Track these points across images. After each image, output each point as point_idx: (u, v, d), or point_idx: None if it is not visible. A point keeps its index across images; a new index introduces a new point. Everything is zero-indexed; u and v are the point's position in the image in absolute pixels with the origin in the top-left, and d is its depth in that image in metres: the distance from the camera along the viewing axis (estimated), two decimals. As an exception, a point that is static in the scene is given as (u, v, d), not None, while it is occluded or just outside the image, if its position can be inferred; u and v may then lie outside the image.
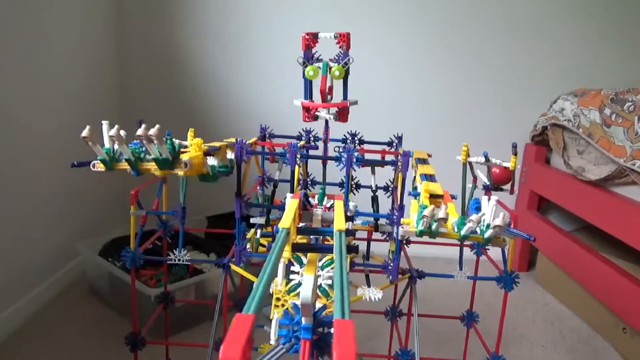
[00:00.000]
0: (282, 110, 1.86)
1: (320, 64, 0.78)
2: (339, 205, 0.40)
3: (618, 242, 1.36)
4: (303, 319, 0.33)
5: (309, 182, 0.99)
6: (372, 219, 0.88)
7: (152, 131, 0.57)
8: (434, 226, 0.43)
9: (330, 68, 0.79)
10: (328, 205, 0.47)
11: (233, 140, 0.80)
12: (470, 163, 0.88)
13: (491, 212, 0.45)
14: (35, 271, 1.42)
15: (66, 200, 1.57)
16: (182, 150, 0.69)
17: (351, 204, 0.51)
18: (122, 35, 1.87)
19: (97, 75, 1.75)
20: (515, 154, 0.80)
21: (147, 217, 0.94)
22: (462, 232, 0.47)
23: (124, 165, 0.63)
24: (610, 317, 1.39)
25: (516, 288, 1.82)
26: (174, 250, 0.95)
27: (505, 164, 0.82)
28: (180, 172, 0.64)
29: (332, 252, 0.35)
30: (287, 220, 0.35)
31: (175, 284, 1.28)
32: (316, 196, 0.64)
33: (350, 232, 0.42)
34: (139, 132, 0.56)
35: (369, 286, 0.80)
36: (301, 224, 0.46)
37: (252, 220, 0.93)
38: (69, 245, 1.57)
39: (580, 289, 1.53)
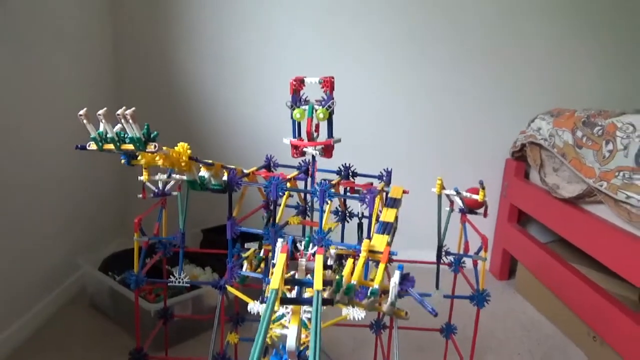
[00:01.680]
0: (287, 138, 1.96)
1: (307, 107, 0.86)
2: (318, 260, 0.48)
3: (589, 255, 1.46)
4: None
5: (307, 208, 1.07)
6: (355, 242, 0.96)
7: (128, 111, 0.65)
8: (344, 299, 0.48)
9: (316, 110, 0.87)
10: (313, 252, 0.55)
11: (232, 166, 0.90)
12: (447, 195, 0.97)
13: (393, 290, 0.51)
14: (37, 286, 1.49)
15: (66, 215, 1.64)
16: None
17: (332, 250, 0.59)
18: (120, 64, 1.94)
19: (96, 96, 1.81)
20: (483, 189, 0.89)
21: (148, 242, 1.02)
22: (365, 301, 0.51)
23: (111, 146, 0.70)
24: (583, 325, 1.48)
25: (497, 296, 1.94)
26: (174, 273, 1.03)
27: (474, 197, 0.91)
28: (159, 161, 0.73)
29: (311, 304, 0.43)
30: (276, 281, 0.43)
31: (173, 299, 1.36)
32: (303, 242, 0.72)
33: (327, 283, 0.49)
34: (118, 111, 0.65)
35: (352, 306, 0.88)
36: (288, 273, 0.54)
37: (246, 245, 1.01)
38: (69, 260, 1.64)
39: (555, 298, 1.63)
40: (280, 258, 0.48)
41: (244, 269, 0.98)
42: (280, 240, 0.64)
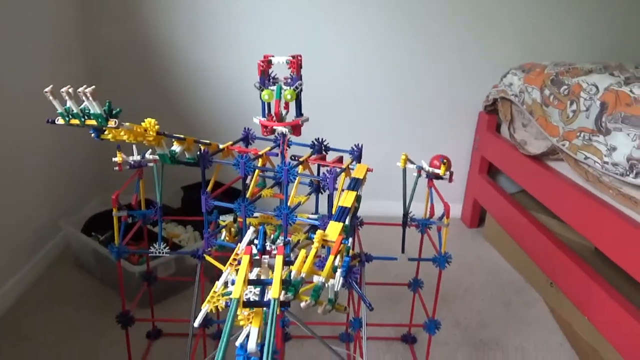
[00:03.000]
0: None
1: (275, 88, 0.88)
2: (278, 264, 0.53)
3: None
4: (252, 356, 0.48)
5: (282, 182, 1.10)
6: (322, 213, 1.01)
7: (87, 89, 0.68)
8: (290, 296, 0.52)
9: (284, 90, 0.89)
10: (282, 244, 0.59)
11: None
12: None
13: (337, 282, 0.56)
14: (20, 252, 1.53)
15: (44, 179, 1.66)
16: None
17: (295, 250, 0.64)
18: (90, 33, 1.88)
19: (68, 68, 1.77)
20: (445, 164, 0.94)
21: (127, 216, 1.06)
22: (302, 305, 0.56)
23: (77, 121, 0.73)
24: (542, 273, 1.60)
25: (466, 243, 2.02)
26: (154, 244, 1.08)
27: (436, 171, 0.96)
28: (124, 136, 0.75)
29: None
30: (237, 289, 0.47)
31: (156, 260, 1.42)
32: (272, 235, 0.76)
33: (287, 282, 0.54)
34: (79, 89, 0.68)
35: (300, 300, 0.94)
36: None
37: (221, 218, 1.06)
38: (52, 221, 1.68)
39: (518, 247, 1.73)
40: (243, 261, 0.52)
41: (222, 237, 1.03)
42: (250, 230, 0.68)
